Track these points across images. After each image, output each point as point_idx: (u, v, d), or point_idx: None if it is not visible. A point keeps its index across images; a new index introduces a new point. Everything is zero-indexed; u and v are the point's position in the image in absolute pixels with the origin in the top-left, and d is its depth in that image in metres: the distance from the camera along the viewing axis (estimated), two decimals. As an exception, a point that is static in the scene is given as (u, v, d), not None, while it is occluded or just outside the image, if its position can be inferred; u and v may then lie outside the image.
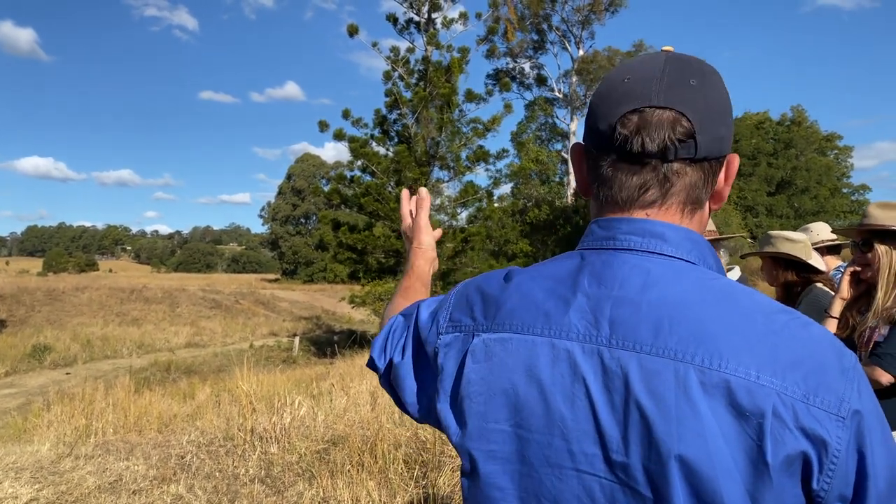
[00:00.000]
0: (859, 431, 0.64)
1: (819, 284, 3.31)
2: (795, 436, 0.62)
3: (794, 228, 3.96)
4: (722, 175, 0.80)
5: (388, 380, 0.96)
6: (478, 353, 0.78)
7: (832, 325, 2.60)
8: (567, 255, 0.82)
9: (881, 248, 2.42)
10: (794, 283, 3.18)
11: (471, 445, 0.76)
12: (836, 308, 2.62)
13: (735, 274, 3.00)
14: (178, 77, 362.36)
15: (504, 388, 0.75)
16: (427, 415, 0.88)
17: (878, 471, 0.65)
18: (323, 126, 21.65)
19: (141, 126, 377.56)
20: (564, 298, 0.75)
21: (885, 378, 2.25)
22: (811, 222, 4.06)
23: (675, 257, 0.75)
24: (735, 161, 0.81)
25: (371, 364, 1.00)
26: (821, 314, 2.69)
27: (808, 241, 3.07)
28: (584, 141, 0.85)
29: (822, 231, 3.88)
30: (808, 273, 3.15)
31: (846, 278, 2.59)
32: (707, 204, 0.81)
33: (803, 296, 3.13)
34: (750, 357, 0.64)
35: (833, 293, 3.33)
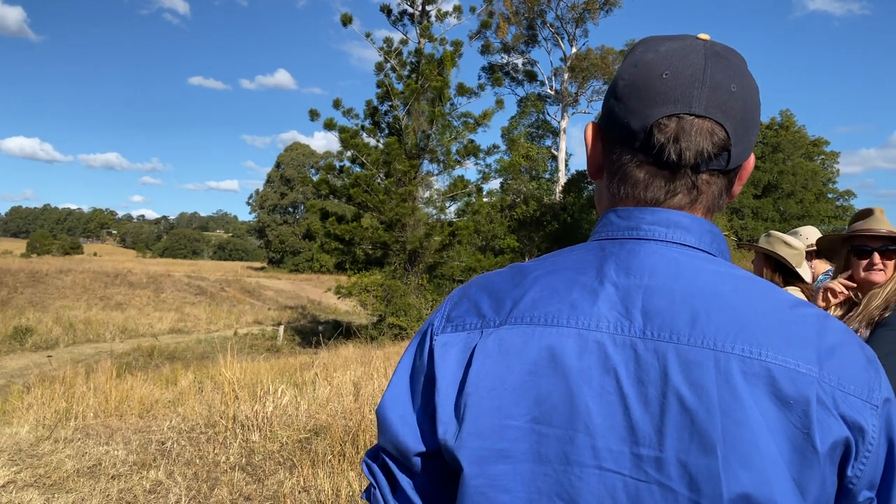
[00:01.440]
0: (889, 419, 0.66)
1: (794, 288, 3.35)
2: (839, 423, 0.63)
3: (782, 232, 3.99)
4: (738, 177, 0.81)
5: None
6: (490, 347, 0.73)
7: None
8: (583, 247, 0.79)
9: None
10: (777, 286, 3.22)
11: (477, 444, 0.70)
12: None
13: None
14: (167, 61, 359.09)
15: (523, 382, 0.70)
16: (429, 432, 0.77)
17: None
18: (314, 115, 21.57)
19: (129, 109, 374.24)
20: (591, 289, 0.72)
21: None
22: (796, 226, 4.09)
23: (698, 248, 0.75)
24: (751, 162, 0.80)
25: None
26: None
27: (804, 251, 3.09)
28: (602, 123, 0.82)
29: (811, 235, 3.91)
30: (793, 279, 3.19)
31: (841, 287, 2.56)
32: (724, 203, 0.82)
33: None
34: (788, 346, 0.65)
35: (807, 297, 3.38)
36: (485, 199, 24.45)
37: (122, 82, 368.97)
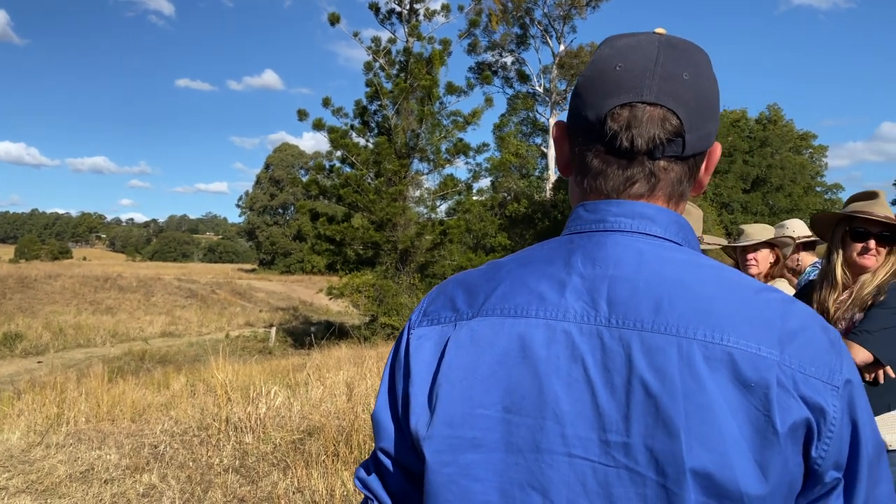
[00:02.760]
0: (851, 400, 0.68)
1: (782, 280, 3.38)
2: (799, 404, 0.64)
3: (770, 225, 4.02)
4: (703, 165, 0.81)
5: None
6: (462, 339, 0.76)
7: None
8: (554, 240, 0.81)
9: None
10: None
11: (448, 433, 0.72)
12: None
13: None
14: (154, 64, 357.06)
15: (493, 372, 0.72)
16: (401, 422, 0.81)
17: (868, 437, 0.69)
18: (302, 115, 21.51)
19: (116, 112, 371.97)
20: (559, 280, 0.74)
21: (861, 356, 2.26)
22: (785, 219, 4.12)
23: (664, 238, 0.76)
24: (717, 151, 0.81)
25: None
26: None
27: (701, 217, 3.08)
28: (567, 121, 0.84)
29: (798, 228, 3.93)
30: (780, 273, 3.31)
31: (840, 271, 2.51)
32: (690, 193, 0.82)
33: None
34: (749, 330, 0.66)
35: (794, 289, 3.40)
36: (475, 198, 24.46)
37: (108, 85, 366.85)
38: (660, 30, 0.82)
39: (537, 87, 38.47)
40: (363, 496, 0.87)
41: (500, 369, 0.72)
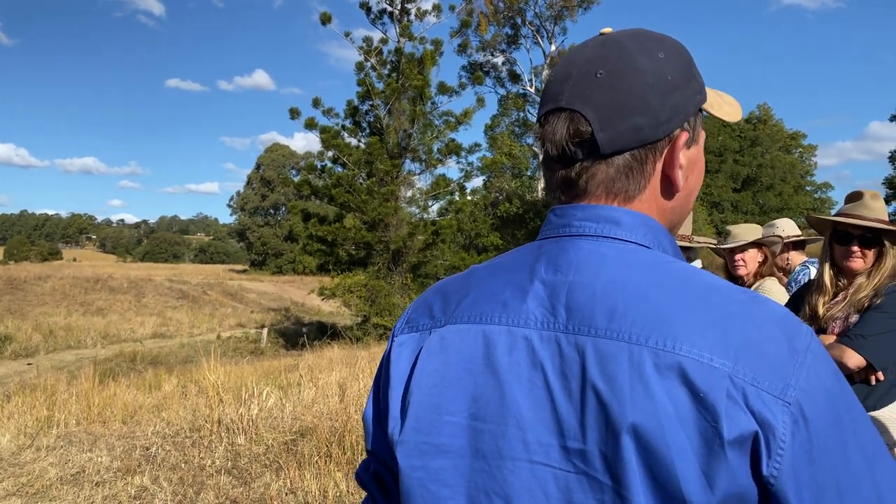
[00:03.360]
0: (804, 416, 0.63)
1: (771, 279, 3.40)
2: (748, 417, 0.62)
3: (760, 225, 4.04)
4: (660, 162, 0.78)
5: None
6: (433, 346, 0.77)
7: None
8: (526, 246, 0.81)
9: (889, 246, 2.39)
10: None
11: (418, 439, 0.74)
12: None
13: (696, 266, 3.04)
14: (143, 64, 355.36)
15: (460, 379, 0.73)
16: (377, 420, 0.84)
17: None
18: (294, 114, 21.47)
19: (106, 113, 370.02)
20: (522, 287, 0.75)
21: (854, 361, 2.25)
22: (776, 219, 4.14)
23: (629, 241, 0.75)
24: (679, 142, 0.77)
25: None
26: None
27: (690, 216, 3.11)
28: None
29: (787, 227, 3.95)
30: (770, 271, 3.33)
31: (829, 274, 2.51)
32: (655, 192, 0.79)
33: (754, 289, 3.20)
34: (703, 339, 0.64)
35: (784, 287, 3.43)
36: (467, 198, 24.46)
37: (97, 86, 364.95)
38: (605, 30, 0.82)
39: (529, 88, 38.50)
40: (364, 494, 0.90)
41: (466, 376, 0.73)
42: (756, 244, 3.43)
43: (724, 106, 0.85)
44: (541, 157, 0.82)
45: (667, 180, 0.79)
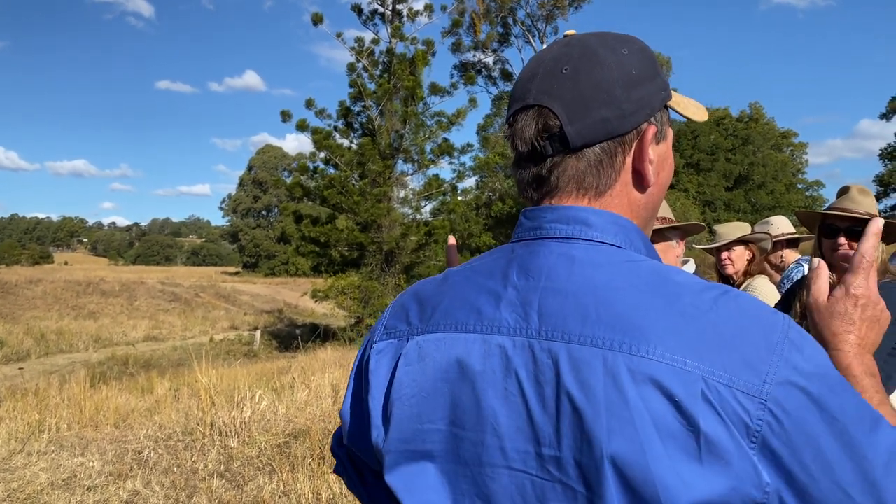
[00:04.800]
0: (784, 410, 0.62)
1: (761, 277, 3.40)
2: (725, 419, 0.60)
3: (752, 223, 4.03)
4: (629, 157, 0.78)
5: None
6: (410, 355, 0.77)
7: None
8: (500, 249, 0.81)
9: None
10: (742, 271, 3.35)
11: (403, 448, 0.75)
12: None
13: (690, 267, 3.03)
14: (133, 66, 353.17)
15: (438, 388, 0.74)
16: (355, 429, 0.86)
17: None
18: (286, 116, 21.41)
19: (96, 116, 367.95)
20: (495, 293, 0.75)
21: None
22: (768, 217, 4.13)
23: (600, 242, 0.75)
24: (647, 136, 0.77)
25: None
26: None
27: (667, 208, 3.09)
28: None
29: (782, 224, 3.94)
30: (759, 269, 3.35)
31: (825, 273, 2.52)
32: (626, 187, 0.79)
33: (743, 288, 3.20)
34: (676, 342, 0.63)
35: (774, 286, 3.42)
36: (460, 198, 24.44)
37: (87, 88, 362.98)
38: (569, 32, 0.83)
39: (521, 87, 38.56)
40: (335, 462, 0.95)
41: (444, 385, 0.73)
42: (742, 242, 3.43)
43: (690, 106, 0.87)
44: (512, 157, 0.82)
45: (637, 174, 0.79)
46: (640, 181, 0.79)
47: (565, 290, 0.70)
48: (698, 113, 0.87)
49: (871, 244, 0.82)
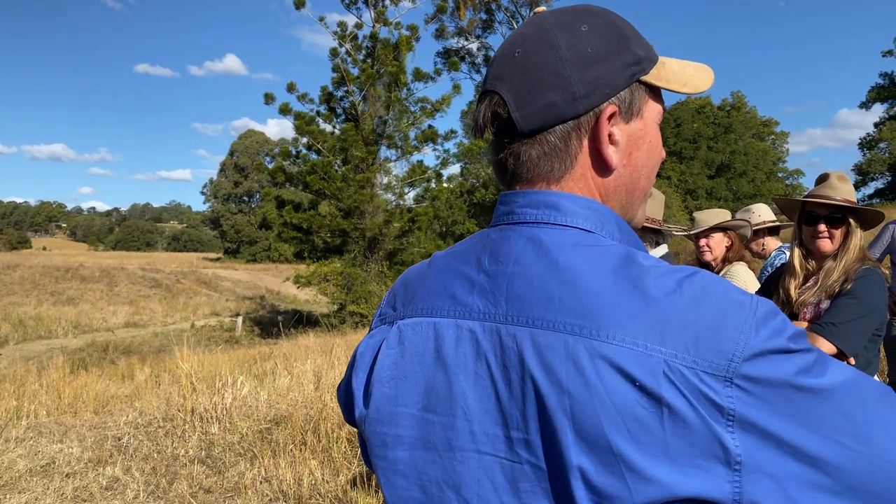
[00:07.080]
0: (754, 383, 0.60)
1: (740, 264, 3.42)
2: (689, 402, 0.59)
3: (733, 211, 4.04)
4: (587, 139, 0.75)
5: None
6: (392, 339, 0.79)
7: None
8: (478, 234, 0.81)
9: (854, 226, 2.42)
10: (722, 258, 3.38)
11: (379, 430, 0.77)
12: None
13: (660, 251, 3.02)
14: (111, 49, 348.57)
15: (413, 372, 0.75)
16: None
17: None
18: (269, 98, 21.23)
19: (74, 99, 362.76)
20: (469, 278, 0.76)
21: (825, 348, 2.25)
22: (748, 205, 4.15)
23: (570, 226, 0.73)
24: (603, 117, 0.73)
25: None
26: None
27: (663, 201, 3.08)
28: None
29: (763, 212, 3.97)
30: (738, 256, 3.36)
31: (799, 256, 2.53)
32: (587, 171, 0.76)
33: (722, 275, 3.22)
34: (637, 325, 0.62)
35: (753, 273, 3.45)
36: (444, 185, 24.39)
37: (64, 71, 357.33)
38: (539, 9, 0.82)
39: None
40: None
41: (419, 369, 0.75)
42: (720, 228, 3.44)
43: (681, 76, 0.80)
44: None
45: (597, 157, 0.76)
46: (601, 164, 0.76)
47: (531, 275, 0.70)
48: (691, 82, 0.80)
49: None
